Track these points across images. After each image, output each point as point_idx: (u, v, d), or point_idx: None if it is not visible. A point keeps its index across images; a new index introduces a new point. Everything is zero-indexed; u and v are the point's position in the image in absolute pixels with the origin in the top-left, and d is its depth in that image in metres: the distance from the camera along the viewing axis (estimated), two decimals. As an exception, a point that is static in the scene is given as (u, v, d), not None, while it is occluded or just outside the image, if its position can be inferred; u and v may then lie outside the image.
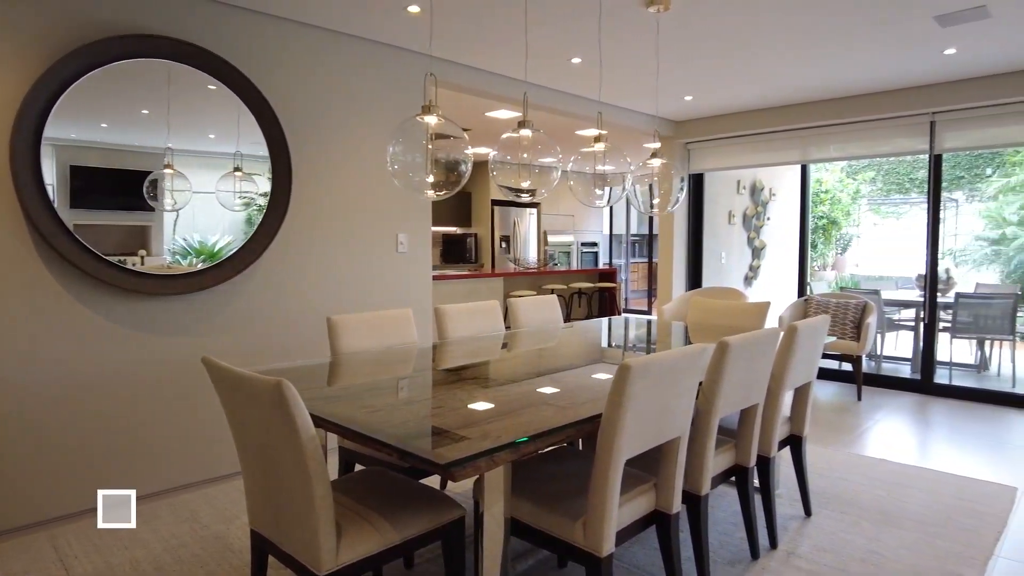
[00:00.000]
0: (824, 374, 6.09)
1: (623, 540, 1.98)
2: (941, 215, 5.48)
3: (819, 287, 8.29)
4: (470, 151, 2.48)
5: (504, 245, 9.54)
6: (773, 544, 2.69)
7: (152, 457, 3.23)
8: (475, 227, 9.73)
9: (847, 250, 13.60)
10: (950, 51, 4.31)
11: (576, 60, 4.41)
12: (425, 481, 2.26)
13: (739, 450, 2.53)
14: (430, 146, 2.37)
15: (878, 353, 6.61)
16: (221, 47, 3.30)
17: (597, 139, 3.05)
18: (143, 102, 3.10)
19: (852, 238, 13.87)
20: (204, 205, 3.33)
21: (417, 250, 4.30)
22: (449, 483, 3.13)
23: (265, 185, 3.51)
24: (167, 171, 3.18)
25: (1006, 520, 3.00)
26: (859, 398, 5.29)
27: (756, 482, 2.70)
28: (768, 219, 7.90)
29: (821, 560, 2.58)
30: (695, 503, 2.28)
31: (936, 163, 5.48)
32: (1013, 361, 6.04)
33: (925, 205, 5.58)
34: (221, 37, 3.31)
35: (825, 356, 5.59)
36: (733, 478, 2.59)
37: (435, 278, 6.27)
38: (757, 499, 2.73)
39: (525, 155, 2.67)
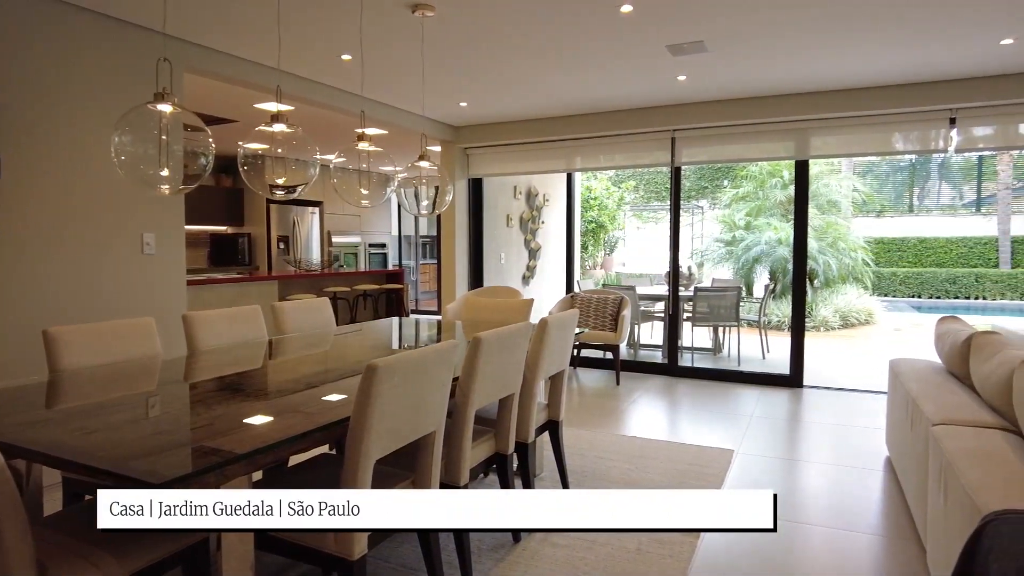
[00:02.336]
0: (590, 363, 6.67)
1: (380, 541, 1.98)
2: (689, 220, 6.30)
3: (589, 284, 9.04)
4: (212, 143, 2.30)
5: (283, 246, 9.04)
6: (534, 525, 2.87)
7: None
8: (249, 227, 9.09)
9: (614, 251, 15.06)
10: (682, 77, 4.95)
11: (346, 57, 4.32)
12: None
13: (498, 438, 2.66)
14: (164, 137, 2.16)
15: (636, 342, 7.39)
16: None
17: (361, 138, 3.01)
18: None
19: (618, 240, 15.40)
20: None
21: (168, 251, 3.90)
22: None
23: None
24: None
25: (723, 478, 3.53)
26: (618, 383, 5.86)
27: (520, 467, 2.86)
28: (543, 223, 8.44)
29: (575, 535, 2.80)
30: (455, 495, 2.34)
31: (676, 175, 6.26)
32: (739, 344, 7.13)
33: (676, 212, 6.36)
34: None
35: (590, 346, 6.13)
36: (495, 466, 2.71)
37: (198, 282, 5.75)
38: (519, 483, 2.89)
39: (279, 150, 2.55)
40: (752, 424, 4.61)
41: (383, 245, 11.04)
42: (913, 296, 15.61)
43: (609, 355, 6.40)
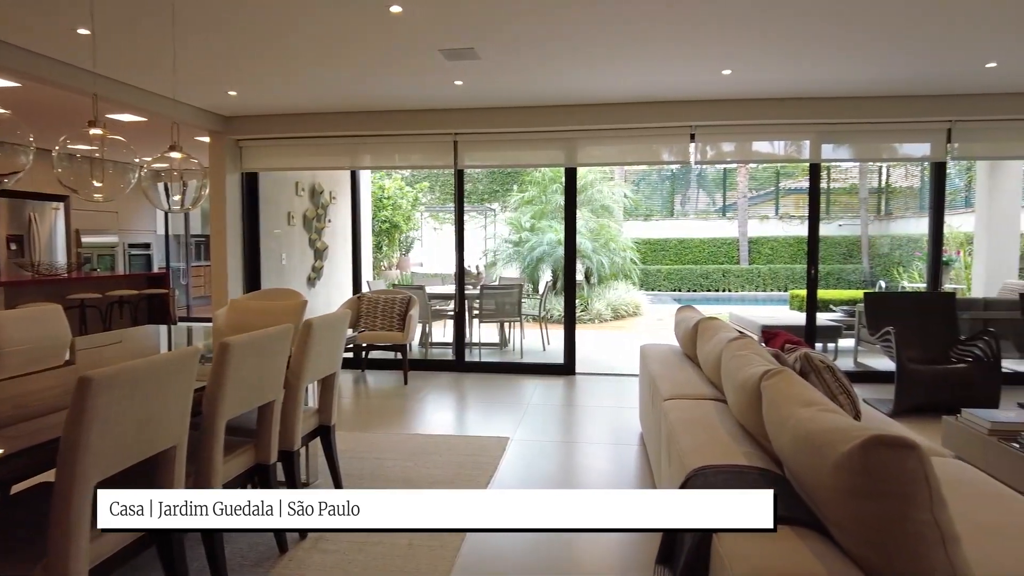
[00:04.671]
0: (380, 364, 6.61)
1: (109, 572, 1.77)
2: (482, 221, 6.49)
3: (381, 285, 8.94)
4: None
5: (15, 247, 7.72)
6: (303, 534, 2.78)
7: None
8: (-32, 225, 7.65)
9: (410, 251, 15.08)
10: (459, 83, 5.10)
11: (83, 31, 3.81)
12: None
13: (259, 448, 2.53)
14: None
15: (428, 340, 7.48)
16: None
17: (93, 123, 2.68)
18: None
19: (414, 240, 15.45)
20: None
21: None
22: None
23: None
24: None
25: (497, 464, 3.71)
26: (406, 382, 5.89)
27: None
28: (330, 221, 8.18)
29: (345, 539, 2.76)
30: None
31: (460, 177, 6.43)
32: (522, 338, 7.53)
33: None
34: None
35: (378, 347, 6.08)
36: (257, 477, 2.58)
37: None
38: (287, 493, 2.77)
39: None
40: (528, 411, 4.90)
41: (147, 245, 9.89)
42: (674, 290, 17.75)
43: (399, 355, 6.40)
